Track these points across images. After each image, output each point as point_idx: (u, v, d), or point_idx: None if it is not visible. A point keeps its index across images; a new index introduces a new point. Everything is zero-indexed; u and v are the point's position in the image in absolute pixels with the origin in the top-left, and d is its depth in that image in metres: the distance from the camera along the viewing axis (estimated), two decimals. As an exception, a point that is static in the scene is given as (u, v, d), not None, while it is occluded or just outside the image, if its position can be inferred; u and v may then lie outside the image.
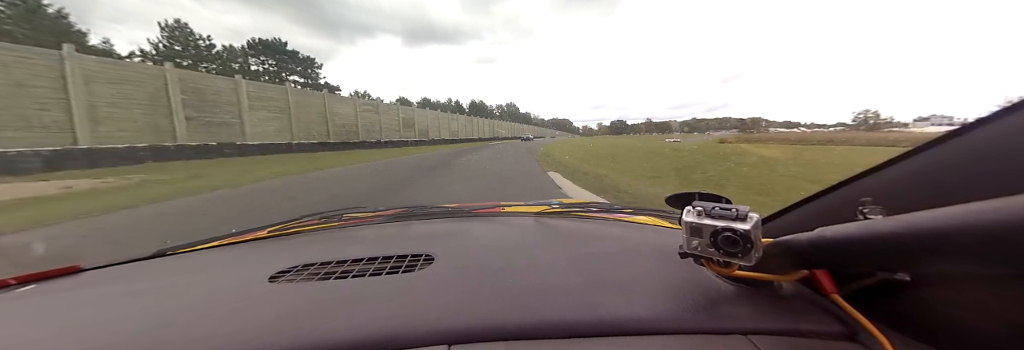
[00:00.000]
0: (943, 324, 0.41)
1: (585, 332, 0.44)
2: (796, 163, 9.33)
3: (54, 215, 4.26)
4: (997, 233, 0.28)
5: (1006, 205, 0.28)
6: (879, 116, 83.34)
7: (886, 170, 0.47)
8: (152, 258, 0.85)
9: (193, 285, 0.64)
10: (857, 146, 18.85)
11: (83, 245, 3.14)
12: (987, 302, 0.37)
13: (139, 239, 3.35)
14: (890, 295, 0.45)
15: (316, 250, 0.81)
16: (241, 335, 0.45)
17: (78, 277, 0.77)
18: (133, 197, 5.56)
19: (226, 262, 0.79)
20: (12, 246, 3.11)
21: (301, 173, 8.78)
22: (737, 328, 0.45)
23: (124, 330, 0.48)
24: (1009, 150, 0.37)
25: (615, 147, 19.93)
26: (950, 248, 0.31)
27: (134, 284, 0.69)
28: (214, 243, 0.92)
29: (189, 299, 0.57)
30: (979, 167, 0.39)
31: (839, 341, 0.43)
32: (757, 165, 8.95)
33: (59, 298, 0.64)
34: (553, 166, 9.00)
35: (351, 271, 0.62)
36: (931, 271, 0.39)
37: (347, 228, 0.98)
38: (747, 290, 0.51)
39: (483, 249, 0.73)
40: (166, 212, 4.55)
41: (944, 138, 0.42)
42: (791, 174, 7.09)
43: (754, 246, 0.45)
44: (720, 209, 0.48)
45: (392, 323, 0.46)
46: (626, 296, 0.51)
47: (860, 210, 0.43)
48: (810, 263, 0.47)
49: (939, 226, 0.31)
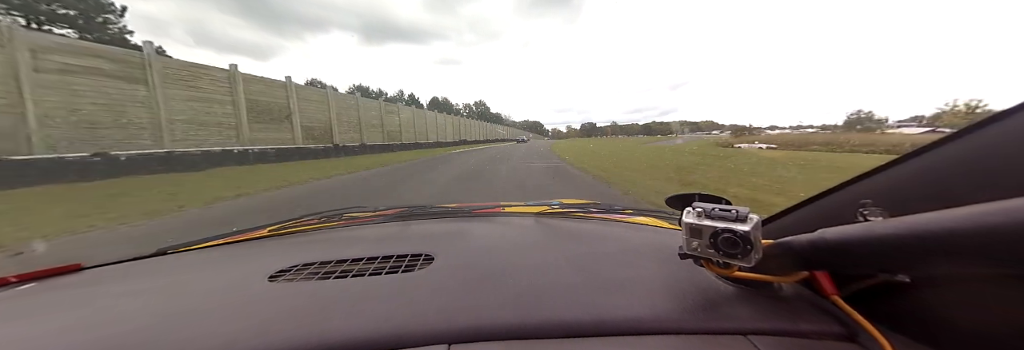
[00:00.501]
0: (943, 325, 0.41)
1: (585, 332, 0.44)
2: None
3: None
4: (997, 235, 0.28)
5: (1006, 207, 0.28)
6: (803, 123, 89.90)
7: (886, 172, 0.47)
8: (153, 257, 0.85)
9: (193, 284, 0.64)
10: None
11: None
12: (987, 303, 0.37)
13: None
14: (890, 296, 0.45)
15: (316, 249, 0.81)
16: (241, 334, 0.45)
17: (79, 275, 0.77)
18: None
19: (226, 261, 0.80)
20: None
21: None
22: (737, 329, 0.45)
23: (124, 328, 0.48)
24: (1009, 152, 0.37)
25: (634, 151, 18.36)
26: (950, 250, 0.31)
27: (135, 283, 0.69)
28: (214, 242, 0.92)
29: (189, 298, 0.58)
30: (979, 169, 0.39)
31: (839, 342, 0.43)
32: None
33: (60, 296, 0.65)
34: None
35: (351, 271, 0.62)
36: (931, 273, 0.39)
37: (347, 228, 0.98)
38: (747, 291, 0.51)
39: (483, 249, 0.73)
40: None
41: (944, 140, 0.42)
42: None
43: (754, 247, 0.45)
44: (720, 210, 0.48)
45: (392, 323, 0.46)
46: (626, 296, 0.51)
47: (860, 212, 0.43)
48: (810, 264, 0.47)
49: (939, 228, 0.31)
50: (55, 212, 4.44)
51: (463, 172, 8.63)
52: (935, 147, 0.42)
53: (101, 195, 5.65)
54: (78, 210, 4.51)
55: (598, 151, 17.65)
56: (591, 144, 34.15)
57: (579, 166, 9.63)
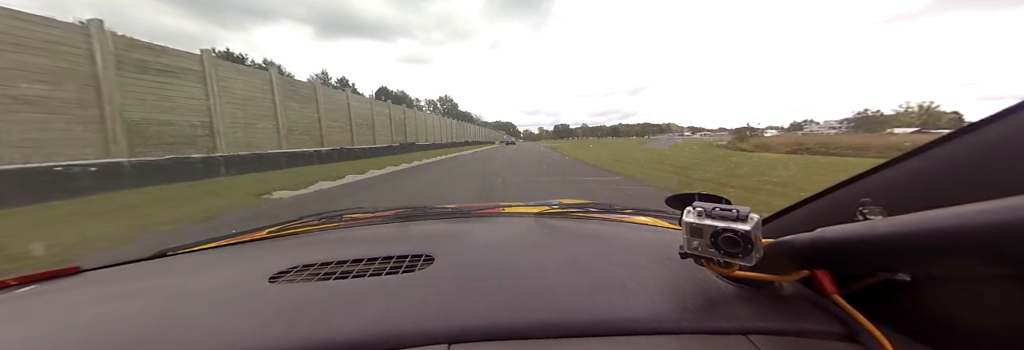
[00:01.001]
0: (943, 324, 0.41)
1: (585, 332, 0.44)
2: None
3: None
4: (997, 234, 0.28)
5: (1006, 206, 0.28)
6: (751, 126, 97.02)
7: (886, 171, 0.47)
8: (152, 259, 0.85)
9: (193, 285, 0.64)
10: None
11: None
12: (987, 302, 0.37)
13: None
14: (890, 295, 0.45)
15: (316, 250, 0.80)
16: (241, 335, 0.45)
17: (78, 278, 0.76)
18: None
19: (226, 262, 0.79)
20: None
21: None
22: (737, 328, 0.44)
23: (124, 331, 0.48)
24: (1008, 151, 0.37)
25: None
26: (950, 249, 0.31)
27: (134, 284, 0.69)
28: (214, 244, 0.92)
29: (189, 299, 0.57)
30: (979, 168, 0.39)
31: (839, 341, 0.43)
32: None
33: (59, 299, 0.64)
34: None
35: (351, 271, 0.62)
36: (932, 272, 0.39)
37: (347, 228, 0.98)
38: (747, 290, 0.51)
39: (483, 249, 0.73)
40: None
41: (944, 139, 0.42)
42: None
43: (754, 246, 0.45)
44: (720, 210, 0.48)
45: (392, 323, 0.46)
46: (626, 296, 0.51)
47: (860, 211, 0.43)
48: (811, 263, 0.47)
49: (939, 227, 0.31)
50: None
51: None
52: (934, 146, 0.42)
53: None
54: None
55: (622, 157, 14.37)
56: (590, 145, 32.66)
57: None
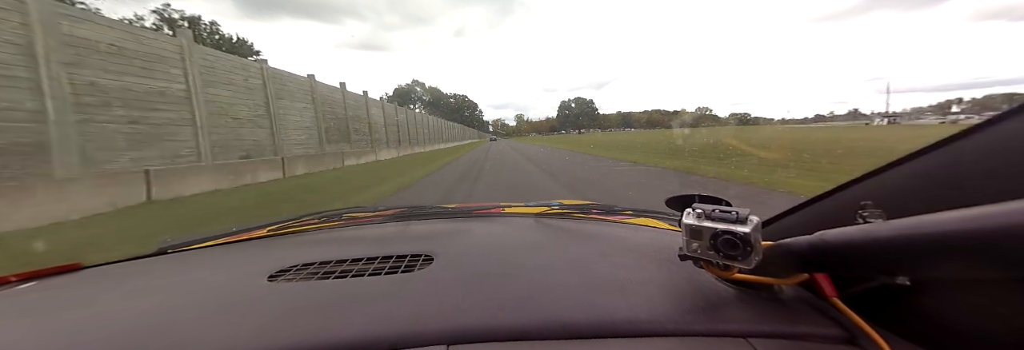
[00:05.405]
0: (943, 328, 0.41)
1: (584, 333, 0.44)
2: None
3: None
4: (997, 238, 0.28)
5: (1006, 209, 0.28)
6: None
7: (886, 174, 0.47)
8: (152, 256, 0.85)
9: (193, 283, 0.64)
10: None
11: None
12: (987, 306, 0.37)
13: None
14: (890, 299, 0.45)
15: (316, 249, 0.81)
16: (240, 334, 0.45)
17: (79, 275, 0.77)
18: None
19: (226, 261, 0.80)
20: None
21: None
22: (736, 331, 0.44)
23: (123, 328, 0.48)
24: (1009, 154, 0.37)
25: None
26: (950, 252, 0.31)
27: (134, 282, 0.69)
28: (214, 242, 0.92)
29: (188, 298, 0.58)
30: (979, 171, 0.39)
31: (839, 345, 0.43)
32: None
33: (59, 296, 0.64)
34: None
35: (350, 271, 0.62)
36: (931, 275, 0.39)
37: (347, 228, 0.98)
38: (747, 293, 0.51)
39: (482, 250, 0.73)
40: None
41: (944, 142, 0.42)
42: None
43: (754, 249, 0.45)
44: (720, 212, 0.48)
45: (391, 323, 0.46)
46: (625, 298, 0.51)
47: (860, 214, 0.43)
48: (810, 266, 0.47)
49: (939, 230, 0.31)
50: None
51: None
52: (935, 149, 0.42)
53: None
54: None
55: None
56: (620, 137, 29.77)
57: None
